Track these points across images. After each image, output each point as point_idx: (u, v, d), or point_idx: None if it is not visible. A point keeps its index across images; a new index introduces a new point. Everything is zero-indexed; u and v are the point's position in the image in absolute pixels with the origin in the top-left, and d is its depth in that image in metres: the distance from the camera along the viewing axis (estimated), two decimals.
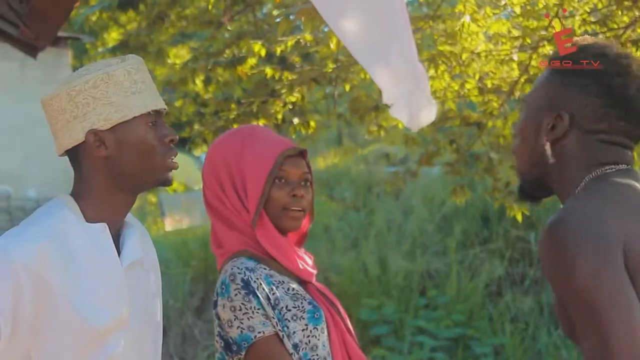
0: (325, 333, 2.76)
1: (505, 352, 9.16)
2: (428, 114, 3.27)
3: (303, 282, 2.85)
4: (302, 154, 2.89)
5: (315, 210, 3.06)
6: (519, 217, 5.75)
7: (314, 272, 2.89)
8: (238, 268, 2.71)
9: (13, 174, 15.96)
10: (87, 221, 2.33)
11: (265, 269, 2.76)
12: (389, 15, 3.08)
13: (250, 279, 2.69)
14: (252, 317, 2.66)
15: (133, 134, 2.33)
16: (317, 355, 2.72)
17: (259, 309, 2.67)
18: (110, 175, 2.35)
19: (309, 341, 2.71)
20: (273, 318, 2.67)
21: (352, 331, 2.86)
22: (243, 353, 2.68)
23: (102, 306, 2.28)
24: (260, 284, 2.69)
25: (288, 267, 2.80)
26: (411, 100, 3.19)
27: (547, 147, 2.20)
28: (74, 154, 2.38)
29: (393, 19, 3.08)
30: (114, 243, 2.36)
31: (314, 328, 2.72)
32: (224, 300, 2.69)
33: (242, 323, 2.66)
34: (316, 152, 13.73)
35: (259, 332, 2.66)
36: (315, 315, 2.74)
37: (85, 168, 2.37)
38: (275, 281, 2.75)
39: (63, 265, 2.25)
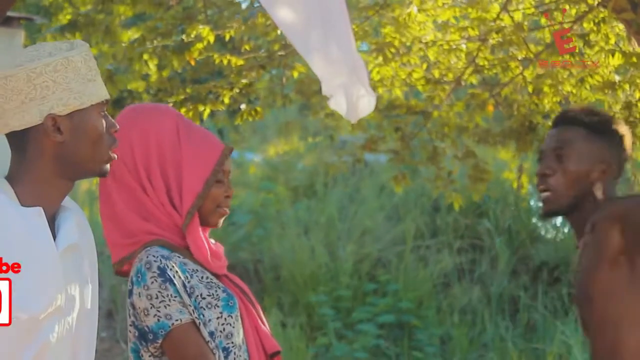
0: (240, 321, 2.77)
1: (452, 342, 9.19)
2: (367, 106, 3.25)
3: (216, 274, 2.84)
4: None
5: (269, 197, 3.11)
6: (456, 206, 6.00)
7: (225, 263, 2.88)
8: (154, 256, 2.68)
9: None
10: (22, 205, 2.28)
11: (179, 257, 2.74)
12: (326, 6, 3.06)
13: (166, 266, 2.67)
14: (169, 305, 2.65)
15: (88, 122, 2.34)
16: (232, 343, 2.73)
17: (175, 297, 2.66)
18: (58, 161, 2.33)
19: (224, 329, 2.72)
20: (190, 306, 2.67)
21: (265, 320, 2.88)
22: (160, 341, 2.67)
23: (37, 292, 2.24)
24: (177, 271, 2.68)
25: (201, 262, 2.79)
26: (350, 91, 3.17)
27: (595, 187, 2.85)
28: (21, 135, 2.34)
29: (331, 9, 3.06)
30: (50, 227, 2.31)
31: (229, 316, 2.73)
32: (139, 288, 2.67)
33: (159, 311, 2.65)
34: (267, 141, 13.74)
35: (176, 320, 2.65)
36: (230, 303, 2.74)
37: (32, 151, 2.33)
38: (190, 269, 2.74)
39: None
